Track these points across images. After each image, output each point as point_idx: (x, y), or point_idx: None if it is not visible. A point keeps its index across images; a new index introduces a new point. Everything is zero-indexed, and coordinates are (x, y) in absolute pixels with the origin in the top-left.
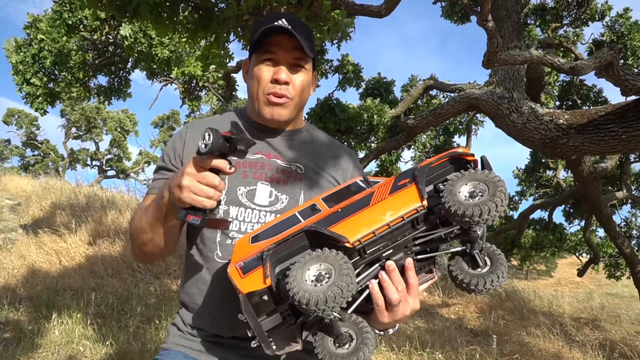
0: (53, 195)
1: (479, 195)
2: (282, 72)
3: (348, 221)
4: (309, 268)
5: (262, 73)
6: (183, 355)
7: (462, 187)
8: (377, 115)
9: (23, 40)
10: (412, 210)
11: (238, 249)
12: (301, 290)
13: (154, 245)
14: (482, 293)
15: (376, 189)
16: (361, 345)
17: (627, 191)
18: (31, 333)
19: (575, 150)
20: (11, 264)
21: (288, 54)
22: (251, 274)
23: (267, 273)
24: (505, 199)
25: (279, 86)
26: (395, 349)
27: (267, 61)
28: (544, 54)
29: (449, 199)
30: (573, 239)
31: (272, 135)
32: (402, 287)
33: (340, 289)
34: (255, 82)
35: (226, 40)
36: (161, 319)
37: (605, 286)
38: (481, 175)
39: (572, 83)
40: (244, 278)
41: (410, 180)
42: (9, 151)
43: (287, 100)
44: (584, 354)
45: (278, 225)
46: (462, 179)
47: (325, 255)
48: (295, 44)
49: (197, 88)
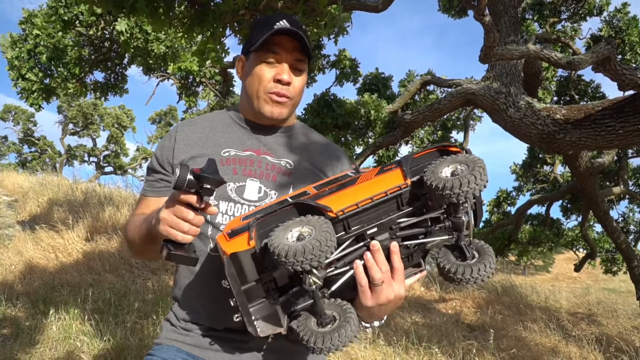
0: (50, 191)
1: (460, 173)
2: (285, 72)
3: (334, 196)
4: (291, 230)
5: (264, 72)
6: (176, 350)
7: (444, 168)
8: (375, 110)
9: (18, 36)
10: (395, 188)
11: (229, 224)
12: (281, 244)
13: (149, 256)
14: (469, 283)
15: (362, 173)
16: (343, 323)
17: (625, 186)
18: (29, 329)
19: (572, 145)
20: (8, 260)
21: (290, 55)
22: (237, 238)
23: (251, 236)
24: (484, 174)
25: (282, 86)
26: (392, 344)
27: (269, 61)
28: (540, 48)
29: (430, 177)
30: (570, 234)
31: (264, 132)
32: (385, 269)
33: (319, 241)
34: (255, 80)
35: (222, 35)
36: (158, 314)
37: (602, 281)
38: (461, 157)
39: (569, 78)
40: (229, 241)
41: (396, 166)
42: (6, 148)
43: (287, 100)
44: (581, 349)
45: (269, 207)
46: (444, 162)
47: (307, 219)
48: (296, 46)
49: (194, 84)
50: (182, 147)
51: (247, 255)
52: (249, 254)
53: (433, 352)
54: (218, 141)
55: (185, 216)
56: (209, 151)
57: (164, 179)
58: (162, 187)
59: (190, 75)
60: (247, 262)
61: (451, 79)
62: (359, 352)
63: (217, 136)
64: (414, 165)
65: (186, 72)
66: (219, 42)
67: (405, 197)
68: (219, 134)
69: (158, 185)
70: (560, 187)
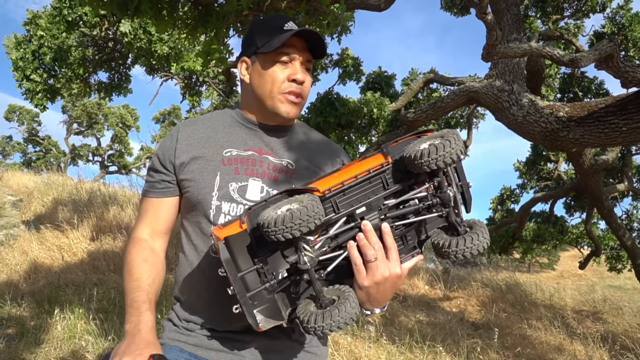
0: (55, 191)
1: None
2: (299, 72)
3: (321, 181)
4: (280, 207)
5: (277, 72)
6: (178, 350)
7: (422, 144)
8: (378, 109)
9: (23, 37)
10: (377, 166)
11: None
12: (270, 216)
13: None
14: (464, 254)
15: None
16: (343, 301)
17: (629, 183)
18: (34, 328)
19: (575, 142)
20: (13, 260)
21: (302, 55)
22: (229, 225)
23: (243, 220)
24: (457, 140)
25: (296, 85)
26: (396, 342)
27: (282, 60)
28: (543, 46)
29: (409, 151)
30: (574, 232)
31: (265, 132)
32: (378, 246)
33: (306, 207)
34: (268, 81)
35: (226, 36)
36: (162, 313)
37: (607, 279)
38: (437, 133)
39: (573, 75)
40: (222, 229)
41: (379, 152)
42: (10, 147)
43: (301, 100)
44: (586, 347)
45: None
46: (421, 139)
47: (296, 197)
48: (306, 46)
49: (198, 83)
50: (184, 147)
51: (240, 240)
52: (242, 239)
53: (437, 351)
54: (219, 141)
55: None
56: (211, 151)
57: (166, 179)
58: (164, 187)
59: (193, 75)
60: (241, 248)
61: (454, 77)
62: (362, 351)
63: (219, 136)
64: (396, 151)
65: (189, 72)
66: (222, 43)
67: (389, 176)
68: (221, 133)
69: (159, 186)
70: (564, 185)
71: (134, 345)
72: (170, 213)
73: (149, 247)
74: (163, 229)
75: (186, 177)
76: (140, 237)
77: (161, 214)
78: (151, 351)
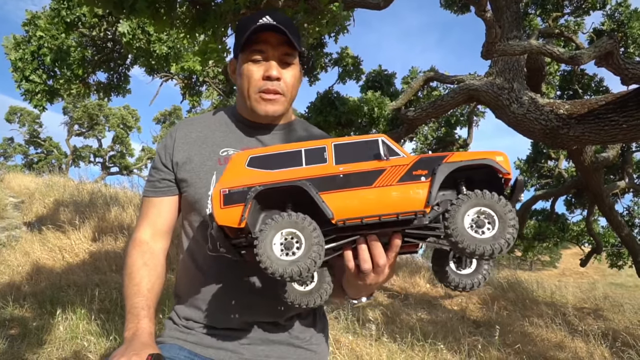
0: (56, 192)
1: (486, 226)
2: (273, 68)
3: (343, 194)
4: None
5: (252, 71)
6: (178, 348)
7: (466, 213)
8: (378, 107)
9: (22, 38)
10: (410, 212)
11: (232, 165)
12: (272, 263)
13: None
14: (463, 288)
15: (389, 166)
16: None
17: (629, 180)
18: (36, 329)
19: (575, 140)
20: (15, 261)
21: (276, 50)
22: (230, 208)
23: (244, 215)
24: (515, 233)
25: (271, 82)
26: (397, 340)
27: (256, 59)
28: (543, 43)
29: (450, 225)
30: (575, 229)
31: (262, 131)
32: (383, 262)
33: (311, 259)
34: (245, 81)
35: (224, 35)
36: (164, 313)
37: (609, 276)
38: (488, 200)
39: (573, 73)
40: (223, 209)
41: (427, 175)
42: (12, 149)
43: (279, 96)
44: (587, 344)
45: (280, 156)
46: (466, 202)
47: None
48: (282, 40)
49: (198, 83)
50: (181, 146)
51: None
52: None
53: (438, 349)
54: (216, 140)
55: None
56: (207, 151)
57: (166, 178)
58: (164, 187)
59: (193, 75)
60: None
61: (454, 75)
62: (364, 349)
63: (216, 135)
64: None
65: (189, 72)
66: (220, 42)
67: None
68: (217, 133)
69: (160, 185)
70: (564, 182)
71: (131, 348)
72: (171, 212)
73: (149, 249)
74: (164, 228)
75: (183, 177)
76: (141, 239)
77: (162, 213)
78: (148, 351)
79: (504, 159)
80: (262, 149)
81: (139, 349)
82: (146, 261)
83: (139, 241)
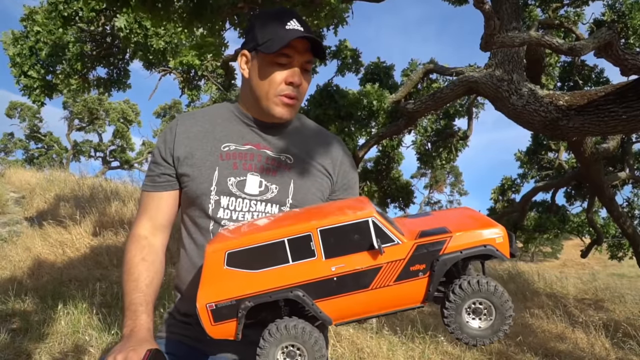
0: (57, 187)
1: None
2: (297, 75)
3: (338, 301)
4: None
5: (276, 75)
6: (178, 343)
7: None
8: (377, 100)
9: (20, 33)
10: (409, 309)
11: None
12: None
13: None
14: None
15: (385, 263)
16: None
17: (630, 171)
18: (37, 323)
19: (575, 131)
20: (17, 256)
21: (302, 57)
22: (222, 325)
23: (238, 332)
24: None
25: (293, 88)
26: (398, 333)
27: (282, 62)
28: (542, 35)
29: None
30: (575, 221)
31: (263, 127)
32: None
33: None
34: (266, 82)
35: (221, 29)
36: (165, 307)
37: (611, 267)
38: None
39: (573, 64)
40: (214, 326)
41: (425, 270)
42: (12, 144)
43: (296, 102)
44: (587, 335)
45: (261, 250)
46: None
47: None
48: (308, 47)
49: (196, 77)
50: (182, 140)
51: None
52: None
53: (439, 341)
54: (218, 135)
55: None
56: (209, 146)
57: (166, 172)
58: (164, 181)
59: (192, 69)
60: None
61: (454, 67)
62: (364, 341)
63: (217, 130)
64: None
65: (188, 67)
66: (218, 36)
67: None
68: (219, 128)
69: (160, 180)
70: (565, 174)
71: (129, 344)
72: (170, 207)
73: (148, 244)
74: (164, 223)
75: (185, 172)
76: (140, 234)
77: (162, 208)
78: (146, 347)
79: (504, 239)
80: (238, 242)
81: (136, 345)
82: (145, 256)
83: (137, 236)
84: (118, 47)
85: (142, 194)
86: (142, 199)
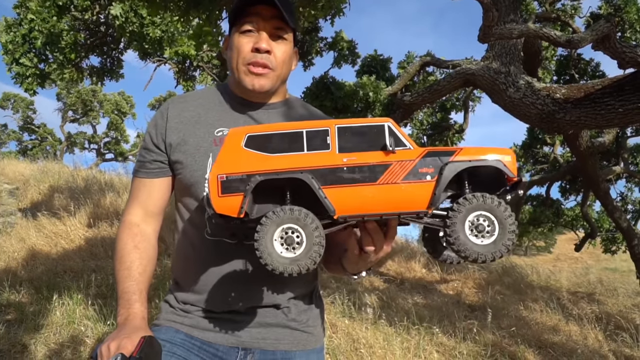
0: (51, 178)
1: (486, 230)
2: (262, 40)
3: (346, 190)
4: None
5: (242, 43)
6: (174, 331)
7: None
8: (374, 92)
9: (13, 20)
10: (412, 212)
11: (228, 144)
12: (272, 259)
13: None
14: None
15: (395, 161)
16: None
17: (624, 165)
18: (33, 314)
19: (572, 124)
20: (11, 247)
21: (268, 23)
22: (229, 197)
23: (243, 207)
24: (515, 238)
25: (260, 55)
26: (393, 324)
27: (247, 31)
28: (540, 27)
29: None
30: (569, 214)
31: (254, 108)
32: (382, 244)
33: (311, 259)
34: (235, 53)
35: (218, 18)
36: (161, 298)
37: (604, 261)
38: (489, 204)
39: (569, 57)
40: (220, 197)
41: (433, 174)
42: (6, 136)
43: (268, 71)
44: (581, 327)
45: (280, 137)
46: (468, 208)
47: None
48: (275, 13)
49: (191, 68)
50: (175, 126)
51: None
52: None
53: (434, 332)
54: (210, 120)
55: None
56: (202, 131)
57: (158, 159)
58: (156, 168)
59: (187, 60)
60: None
61: (451, 60)
62: (360, 332)
63: (210, 115)
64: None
65: (183, 57)
66: (215, 25)
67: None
68: (211, 112)
69: (151, 166)
70: (560, 168)
71: (123, 332)
72: (162, 194)
73: (140, 232)
74: (156, 210)
75: (178, 159)
76: (132, 221)
77: (154, 195)
78: (140, 334)
79: (512, 159)
80: (261, 127)
81: (131, 333)
82: (137, 244)
83: (129, 223)
84: (112, 37)
85: (134, 179)
86: (134, 185)
